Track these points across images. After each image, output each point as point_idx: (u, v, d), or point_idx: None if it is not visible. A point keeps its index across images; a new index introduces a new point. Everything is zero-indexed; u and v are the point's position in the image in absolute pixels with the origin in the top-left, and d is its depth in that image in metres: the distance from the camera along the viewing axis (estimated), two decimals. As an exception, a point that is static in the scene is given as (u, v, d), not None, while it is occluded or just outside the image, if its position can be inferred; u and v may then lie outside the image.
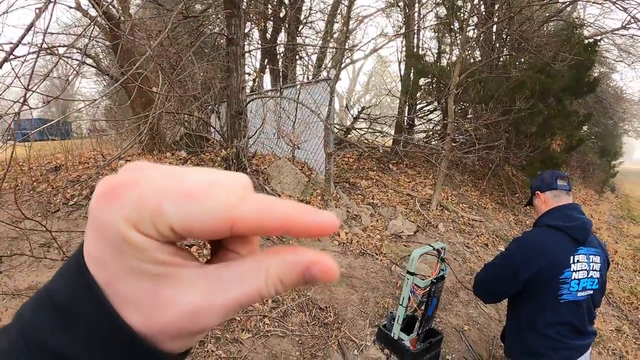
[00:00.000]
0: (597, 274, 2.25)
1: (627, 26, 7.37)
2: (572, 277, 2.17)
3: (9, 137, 2.86)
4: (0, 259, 3.37)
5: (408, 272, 2.91)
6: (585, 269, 2.21)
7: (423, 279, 2.94)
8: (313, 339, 3.20)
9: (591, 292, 2.25)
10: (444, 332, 3.63)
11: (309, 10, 10.46)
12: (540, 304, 2.24)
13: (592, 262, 2.24)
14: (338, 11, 10.17)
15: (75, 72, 3.01)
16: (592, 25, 11.41)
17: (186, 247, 0.26)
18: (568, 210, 2.32)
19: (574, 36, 8.05)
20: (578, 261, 2.19)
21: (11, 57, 2.43)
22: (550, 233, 2.27)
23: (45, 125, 3.95)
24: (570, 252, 2.19)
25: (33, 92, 2.40)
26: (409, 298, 2.96)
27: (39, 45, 2.50)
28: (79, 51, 5.21)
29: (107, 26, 5.70)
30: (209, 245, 0.31)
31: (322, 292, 3.80)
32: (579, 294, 2.20)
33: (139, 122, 4.30)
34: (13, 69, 2.36)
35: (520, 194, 8.65)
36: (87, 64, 7.44)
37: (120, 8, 6.11)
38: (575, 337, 2.25)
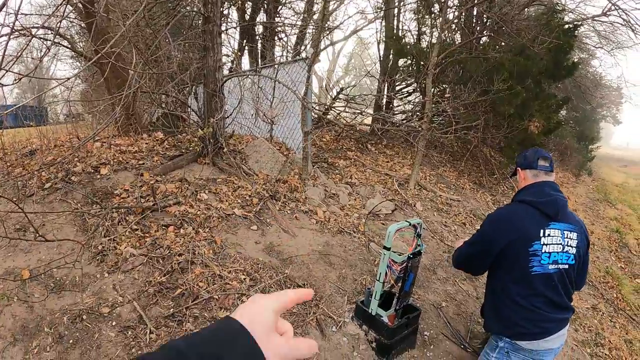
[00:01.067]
0: (573, 250, 2.28)
1: (608, 13, 7.42)
2: (543, 250, 2.20)
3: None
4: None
5: (384, 248, 2.93)
6: (560, 243, 2.24)
7: (399, 255, 2.96)
8: (291, 316, 3.22)
9: (566, 266, 2.27)
10: (422, 308, 3.67)
11: (288, -9, 10.34)
12: (513, 276, 2.29)
13: (568, 237, 2.27)
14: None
15: (47, 50, 2.91)
16: (573, 11, 11.50)
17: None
18: (542, 186, 2.36)
19: (553, 20, 8.08)
20: (549, 235, 2.22)
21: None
22: (520, 207, 2.34)
23: (16, 106, 3.83)
24: (540, 226, 2.23)
25: (7, 71, 2.32)
26: (386, 273, 2.98)
27: (10, 25, 2.42)
28: (53, 32, 5.07)
29: (80, 4, 5.54)
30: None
31: (299, 270, 3.81)
32: (550, 267, 2.23)
33: (113, 101, 4.22)
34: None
35: (498, 174, 8.76)
36: (61, 45, 7.23)
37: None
38: (552, 310, 2.28)
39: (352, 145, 8.32)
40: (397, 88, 10.39)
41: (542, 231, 2.23)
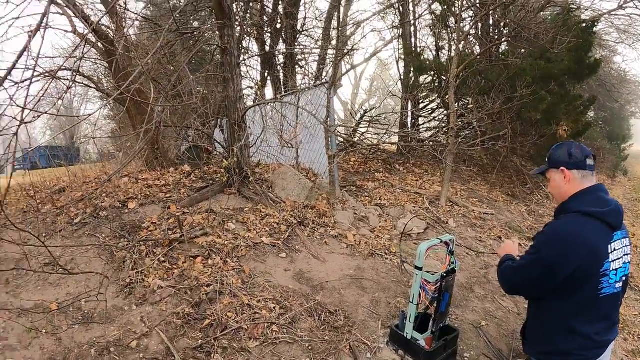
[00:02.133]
0: (628, 258, 2.07)
1: (624, 6, 7.30)
2: (611, 268, 1.96)
3: (9, 158, 2.85)
4: (8, 281, 3.35)
5: (416, 267, 2.84)
6: (621, 257, 2.01)
7: (433, 274, 2.86)
8: (323, 344, 3.12)
9: (624, 278, 2.07)
10: (461, 329, 3.53)
11: (304, 20, 10.54)
12: (578, 303, 2.01)
13: (624, 245, 2.04)
14: (334, 18, 10.18)
15: (67, 89, 3.01)
16: (588, 8, 11.31)
17: None
18: (598, 192, 2.08)
19: (570, 19, 7.95)
20: (614, 250, 1.98)
21: (6, 81, 2.40)
22: (585, 222, 2.00)
23: (32, 148, 3.97)
24: (607, 241, 1.97)
25: (31, 110, 2.38)
26: (420, 294, 2.87)
27: (32, 67, 2.49)
28: (76, 73, 5.25)
29: (100, 44, 5.73)
30: None
31: (331, 296, 3.73)
32: (617, 285, 2.02)
33: (136, 134, 4.31)
34: (9, 94, 2.35)
35: (531, 184, 8.54)
36: (85, 85, 7.45)
37: (114, 27, 6.15)
38: (610, 331, 2.10)
39: (380, 167, 8.32)
40: (421, 105, 10.32)
41: (609, 247, 1.97)
